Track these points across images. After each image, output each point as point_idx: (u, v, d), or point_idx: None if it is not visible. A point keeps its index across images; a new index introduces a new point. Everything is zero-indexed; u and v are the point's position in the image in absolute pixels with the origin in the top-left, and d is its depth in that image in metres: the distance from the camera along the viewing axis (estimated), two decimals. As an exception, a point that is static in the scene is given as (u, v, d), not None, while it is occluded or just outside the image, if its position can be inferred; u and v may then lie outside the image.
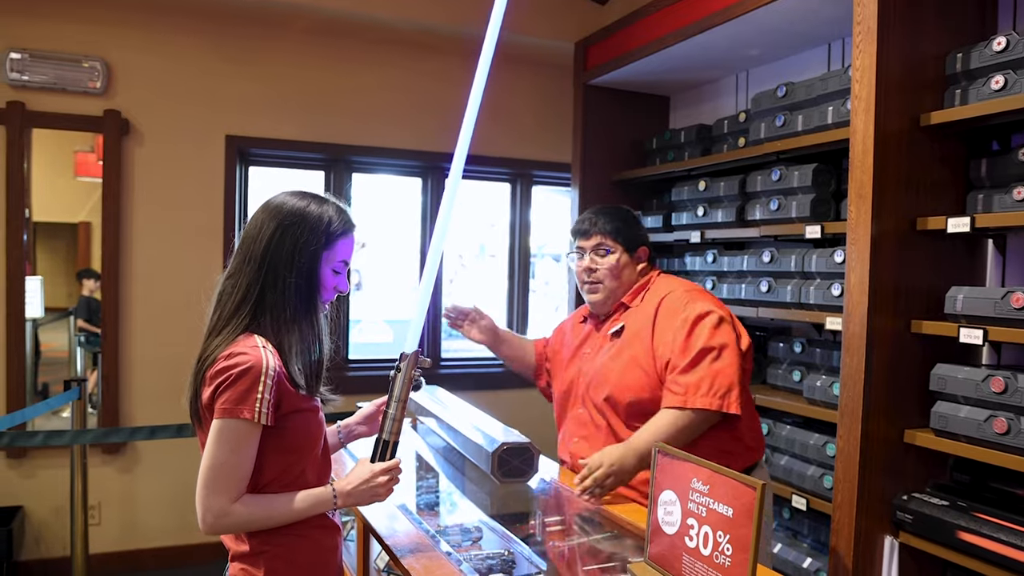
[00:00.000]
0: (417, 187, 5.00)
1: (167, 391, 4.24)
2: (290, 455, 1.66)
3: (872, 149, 2.50)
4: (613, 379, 2.35)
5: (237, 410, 1.55)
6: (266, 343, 1.64)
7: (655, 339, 2.32)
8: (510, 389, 5.10)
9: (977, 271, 2.71)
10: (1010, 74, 2.36)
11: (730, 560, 1.36)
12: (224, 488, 1.58)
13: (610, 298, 2.48)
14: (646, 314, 2.38)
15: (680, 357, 2.24)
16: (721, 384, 2.20)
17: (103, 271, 4.18)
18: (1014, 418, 2.22)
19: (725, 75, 4.14)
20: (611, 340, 2.44)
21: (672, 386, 2.24)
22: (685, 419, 2.18)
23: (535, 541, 1.95)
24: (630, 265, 2.48)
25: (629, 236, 2.48)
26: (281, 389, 1.62)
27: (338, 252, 1.75)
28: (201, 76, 4.34)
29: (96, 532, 4.15)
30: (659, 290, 2.44)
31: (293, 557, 1.67)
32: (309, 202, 1.74)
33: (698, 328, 2.26)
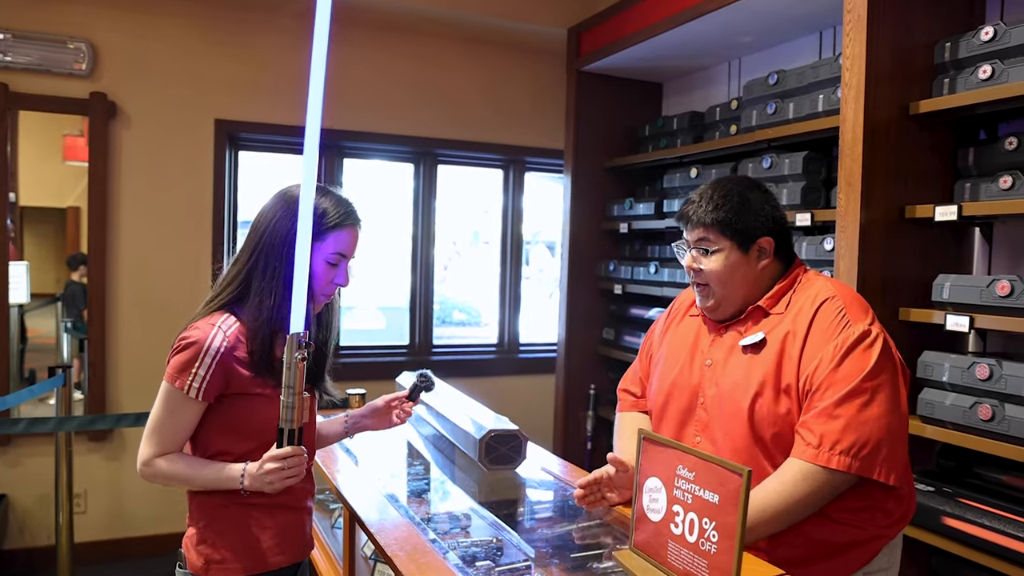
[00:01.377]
0: (409, 172, 4.98)
1: (155, 377, 4.17)
2: (234, 436, 1.71)
3: (861, 137, 2.51)
4: (752, 406, 1.79)
5: (172, 377, 1.67)
6: (231, 324, 1.69)
7: (803, 359, 1.76)
8: (500, 376, 5.12)
9: (964, 259, 2.73)
10: (997, 64, 2.36)
11: (716, 547, 1.37)
12: (153, 441, 1.71)
13: (723, 305, 1.90)
14: (796, 327, 1.80)
15: (822, 393, 1.70)
16: (867, 439, 1.66)
17: (90, 256, 4.14)
18: (999, 405, 2.24)
19: (717, 62, 4.14)
20: (744, 353, 1.86)
21: (805, 431, 1.70)
22: (815, 480, 1.66)
23: (523, 528, 1.94)
24: (745, 263, 1.87)
25: (742, 227, 1.85)
26: (229, 370, 1.68)
27: (331, 244, 1.75)
28: (190, 59, 4.29)
29: (82, 520, 4.13)
30: (811, 294, 1.84)
31: (220, 527, 1.75)
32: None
33: (852, 357, 1.71)
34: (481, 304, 5.51)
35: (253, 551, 1.76)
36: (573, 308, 4.51)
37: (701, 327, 2.00)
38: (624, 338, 4.32)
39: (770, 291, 1.88)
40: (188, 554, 1.78)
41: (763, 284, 1.90)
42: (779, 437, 1.76)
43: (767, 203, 1.90)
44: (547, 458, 2.45)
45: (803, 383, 1.74)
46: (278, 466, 1.62)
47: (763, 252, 1.88)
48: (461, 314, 5.64)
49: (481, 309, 5.52)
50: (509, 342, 5.26)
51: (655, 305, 4.19)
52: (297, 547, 1.86)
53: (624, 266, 4.28)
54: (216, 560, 1.74)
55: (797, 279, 1.90)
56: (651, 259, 4.20)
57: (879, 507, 1.75)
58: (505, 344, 5.26)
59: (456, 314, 5.63)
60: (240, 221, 4.65)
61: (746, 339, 1.85)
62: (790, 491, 1.66)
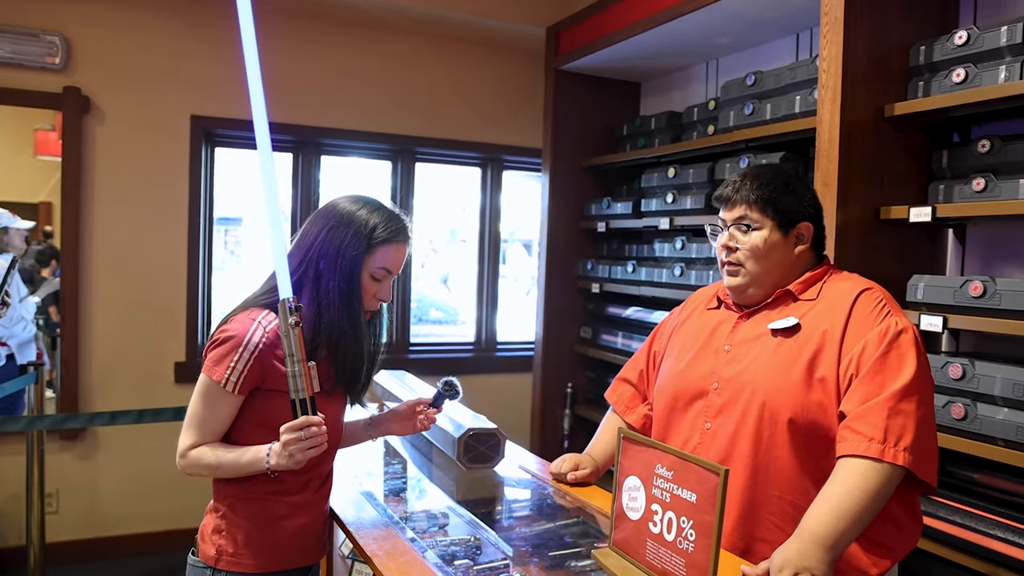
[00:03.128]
0: (387, 170, 4.97)
1: (130, 376, 4.23)
2: (266, 431, 1.70)
3: (838, 139, 2.53)
4: (775, 386, 1.75)
5: (211, 370, 1.68)
6: (271, 320, 1.70)
7: (844, 343, 1.71)
8: (478, 375, 5.12)
9: (938, 260, 2.76)
10: (970, 67, 2.40)
11: (693, 545, 1.38)
12: (191, 433, 1.72)
13: (753, 284, 1.87)
14: (835, 311, 1.76)
15: (871, 379, 1.64)
16: (924, 438, 1.62)
17: (63, 252, 4.09)
18: (971, 404, 2.27)
19: (696, 63, 4.16)
20: (772, 336, 1.81)
21: (862, 423, 1.61)
22: (882, 477, 1.57)
23: (502, 527, 1.94)
24: (783, 245, 1.85)
25: (784, 208, 1.84)
26: (266, 365, 1.68)
27: (378, 259, 1.78)
28: (165, 54, 4.24)
29: (54, 520, 4.09)
30: (847, 285, 1.82)
31: (239, 520, 1.76)
32: (361, 207, 1.80)
33: (899, 349, 1.66)
34: (459, 302, 5.50)
35: (269, 548, 1.77)
36: (551, 306, 4.52)
37: (720, 318, 1.97)
38: (601, 337, 4.33)
39: (800, 279, 1.87)
40: (203, 542, 1.79)
41: (795, 272, 1.88)
42: (795, 424, 1.71)
43: (808, 190, 1.90)
44: (525, 456, 2.45)
45: (845, 366, 1.68)
46: (295, 435, 1.60)
47: (801, 238, 1.87)
48: (438, 312, 5.63)
49: (458, 307, 5.51)
50: (486, 340, 5.26)
51: (632, 304, 4.21)
52: (313, 549, 1.87)
53: (602, 265, 4.29)
54: (229, 552, 1.75)
55: (828, 272, 1.89)
56: (628, 258, 4.22)
57: (891, 519, 1.73)
58: (483, 343, 5.26)
59: (433, 312, 5.62)
60: (216, 218, 4.62)
61: (777, 323, 1.82)
62: (864, 487, 1.56)
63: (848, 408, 1.65)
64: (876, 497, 1.57)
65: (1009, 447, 2.18)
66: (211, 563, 1.76)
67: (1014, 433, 2.16)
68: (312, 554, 1.87)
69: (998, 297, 2.24)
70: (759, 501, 1.76)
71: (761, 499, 1.76)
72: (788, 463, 1.73)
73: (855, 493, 1.56)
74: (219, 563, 1.75)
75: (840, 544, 1.54)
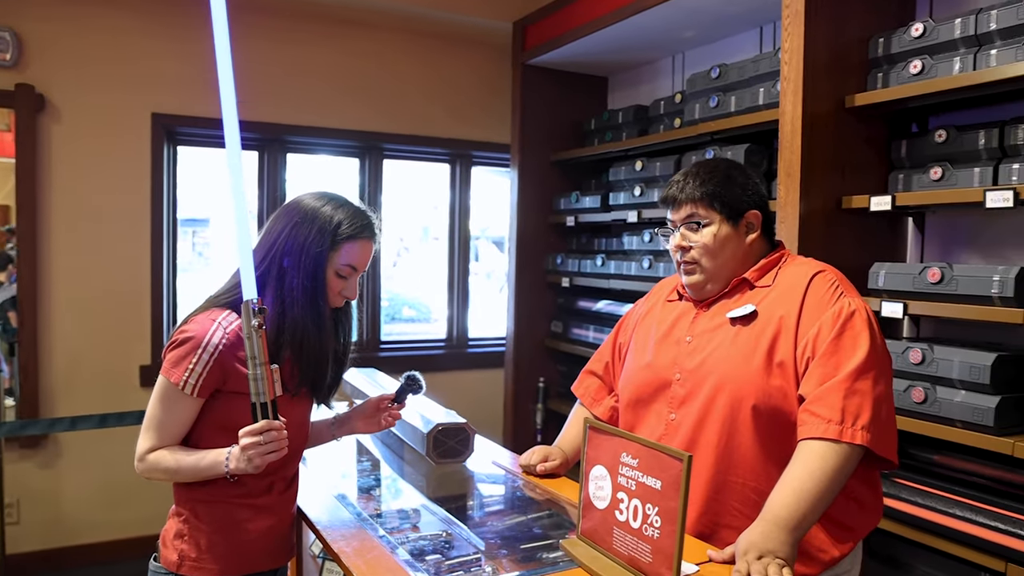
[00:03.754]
0: (354, 167, 4.95)
1: (93, 381, 4.12)
2: (226, 433, 1.66)
3: (800, 130, 2.57)
4: (737, 374, 1.76)
5: (170, 372, 1.65)
6: (232, 321, 1.67)
7: (800, 326, 1.74)
8: (449, 371, 5.11)
9: (899, 248, 2.81)
10: (927, 59, 2.44)
11: (659, 532, 1.39)
12: (149, 436, 1.69)
13: (710, 280, 1.89)
14: (790, 296, 1.79)
15: (827, 360, 1.67)
16: (881, 416, 1.64)
17: (19, 256, 3.98)
18: (931, 388, 2.32)
19: (662, 56, 4.18)
20: (732, 325, 1.84)
21: (821, 406, 1.63)
22: (840, 458, 1.59)
23: (474, 522, 1.95)
24: (734, 237, 1.87)
25: (730, 200, 1.86)
26: (227, 367, 1.66)
27: (343, 256, 1.76)
28: (123, 50, 4.13)
29: (15, 531, 3.96)
30: (801, 269, 1.84)
31: (201, 524, 1.74)
32: (325, 203, 1.77)
33: (853, 329, 1.69)
34: (431, 300, 5.49)
35: (232, 553, 1.75)
36: (521, 302, 4.53)
37: (681, 310, 1.98)
38: (572, 331, 4.36)
39: (755, 266, 1.89)
40: (163, 548, 1.76)
41: (750, 260, 1.90)
42: (757, 411, 1.73)
43: (750, 178, 1.92)
44: (497, 451, 2.46)
45: (801, 349, 1.71)
46: (254, 440, 1.57)
47: (751, 226, 1.89)
48: (411, 310, 5.62)
49: (431, 305, 5.51)
50: (458, 337, 5.27)
51: (602, 298, 4.23)
52: (279, 552, 1.85)
53: (571, 259, 4.31)
54: (191, 557, 1.72)
55: (783, 257, 1.91)
56: (598, 252, 4.24)
57: (854, 497, 1.75)
58: (454, 339, 5.26)
59: (406, 310, 5.61)
60: (183, 219, 4.56)
61: (735, 311, 1.84)
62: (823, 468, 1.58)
63: (806, 391, 1.68)
64: (836, 477, 1.59)
65: (966, 428, 2.23)
66: (173, 568, 1.73)
67: (971, 415, 2.21)
68: (278, 557, 1.85)
69: (955, 283, 2.28)
70: (724, 488, 1.78)
71: (725, 486, 1.78)
72: (751, 450, 1.75)
73: (816, 474, 1.58)
74: (181, 568, 1.72)
75: (803, 525, 1.56)
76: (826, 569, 1.74)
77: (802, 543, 1.62)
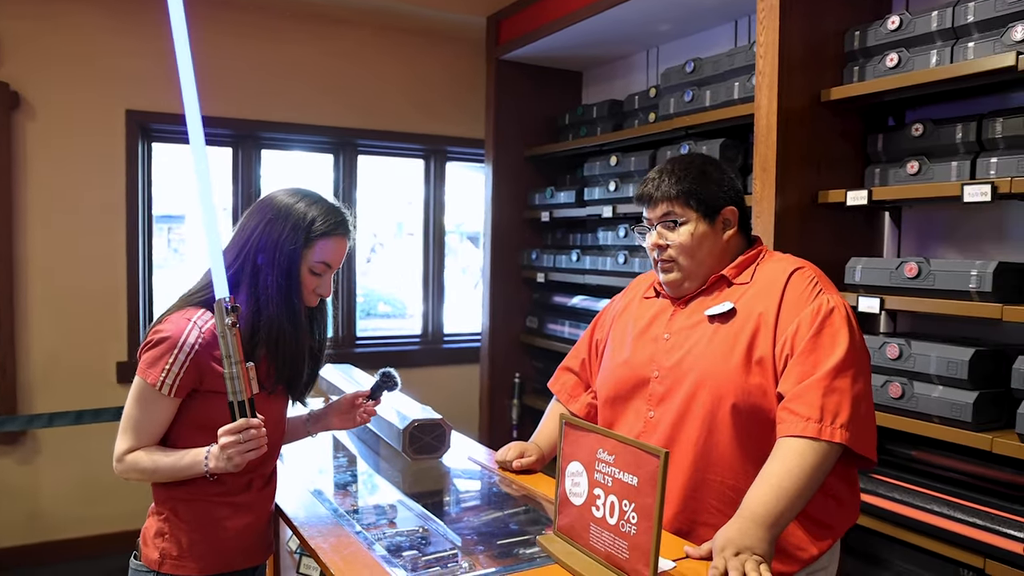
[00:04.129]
0: (329, 163, 4.91)
1: (70, 377, 4.13)
2: (204, 433, 1.66)
3: (775, 124, 2.56)
4: (716, 372, 1.75)
5: (146, 372, 1.64)
6: (207, 320, 1.66)
7: (779, 324, 1.72)
8: (425, 367, 5.10)
9: (875, 243, 2.81)
10: (903, 52, 2.44)
11: (636, 528, 1.38)
12: (127, 437, 1.68)
13: (688, 278, 1.87)
14: (769, 293, 1.77)
15: (806, 358, 1.66)
16: (860, 414, 1.63)
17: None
18: (908, 383, 2.32)
19: (636, 51, 4.18)
20: (710, 323, 1.82)
21: (799, 404, 1.62)
22: (819, 455, 1.58)
23: (450, 518, 1.94)
24: (711, 234, 1.85)
25: (706, 197, 1.84)
26: (203, 367, 1.65)
27: (317, 253, 1.74)
28: (97, 46, 4.12)
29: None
30: (780, 265, 1.83)
31: (182, 522, 1.73)
32: (299, 199, 1.76)
33: (831, 327, 1.68)
34: (407, 295, 5.46)
35: (213, 551, 1.74)
36: (496, 297, 4.51)
37: (658, 307, 1.96)
38: (548, 326, 4.34)
39: (734, 263, 1.87)
40: (145, 546, 1.75)
41: (728, 257, 1.88)
42: (737, 409, 1.72)
43: (725, 174, 1.90)
44: (473, 447, 2.44)
45: (780, 347, 1.70)
46: (233, 439, 1.57)
47: (728, 223, 1.87)
48: (386, 306, 5.59)
49: (407, 301, 5.48)
50: (433, 332, 5.24)
51: (578, 293, 4.22)
52: (258, 549, 1.85)
53: (546, 254, 4.30)
54: (172, 556, 1.72)
55: (761, 254, 1.89)
56: (573, 247, 4.23)
57: (832, 494, 1.74)
58: (429, 335, 5.23)
59: (381, 306, 5.57)
60: (156, 216, 4.52)
61: (712, 309, 1.82)
62: (802, 466, 1.57)
63: (785, 389, 1.67)
64: (814, 475, 1.58)
65: (944, 424, 2.24)
66: (154, 567, 1.72)
67: (948, 410, 2.21)
68: (257, 555, 1.85)
69: (932, 278, 2.29)
70: (701, 486, 1.77)
71: (703, 484, 1.77)
72: (730, 448, 1.74)
73: (794, 472, 1.57)
74: (162, 567, 1.72)
75: (780, 522, 1.55)
76: (804, 567, 1.73)
77: (780, 541, 1.62)
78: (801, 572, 1.73)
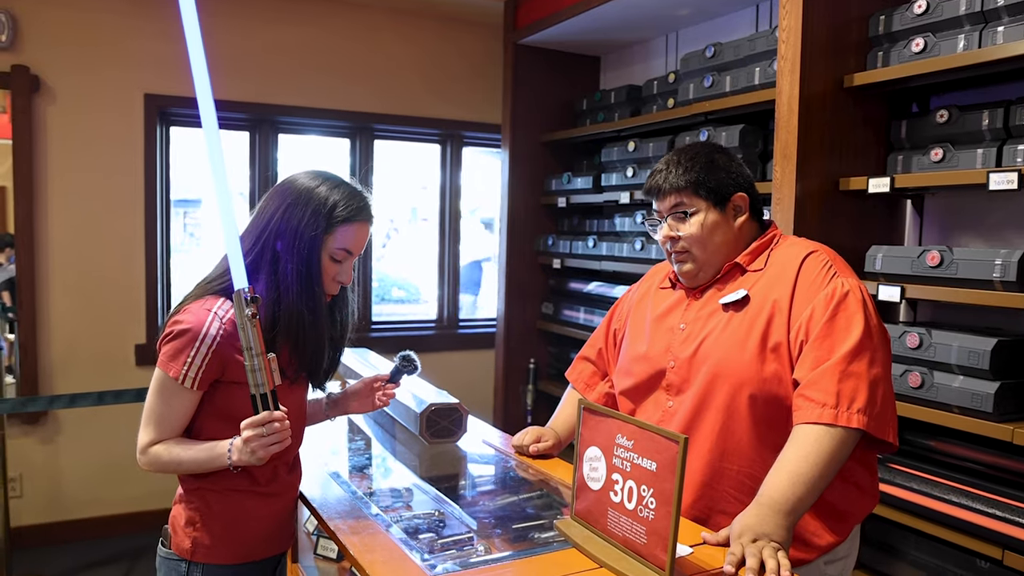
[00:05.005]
0: (345, 148, 4.90)
1: (90, 359, 4.19)
2: (227, 423, 1.64)
3: (797, 110, 2.53)
4: (731, 361, 1.73)
5: (167, 365, 1.61)
6: (228, 310, 1.62)
7: (793, 309, 1.71)
8: (440, 352, 5.11)
9: (897, 230, 2.78)
10: (929, 37, 2.40)
11: (654, 513, 1.37)
12: (149, 430, 1.65)
13: (703, 268, 1.85)
14: (782, 278, 1.75)
15: (821, 343, 1.63)
16: (878, 398, 1.61)
17: (16, 237, 4.00)
18: (928, 373, 2.30)
19: (655, 35, 4.14)
20: (724, 311, 1.81)
21: (815, 390, 1.61)
22: (836, 441, 1.57)
23: (466, 501, 1.94)
24: (723, 223, 1.83)
25: (715, 185, 1.82)
26: (225, 358, 1.62)
27: (339, 239, 1.70)
28: (117, 31, 4.14)
29: (18, 505, 4.04)
30: (794, 251, 1.80)
31: (213, 512, 1.71)
32: (320, 183, 1.71)
33: (847, 310, 1.65)
34: (420, 281, 5.46)
35: (244, 540, 1.74)
36: (512, 283, 4.50)
37: (674, 297, 1.95)
38: (563, 312, 4.33)
39: (747, 250, 1.85)
40: (175, 535, 1.74)
41: (741, 244, 1.86)
42: (754, 399, 1.71)
43: (733, 160, 1.88)
44: (488, 431, 2.44)
45: (795, 333, 1.68)
46: (256, 432, 1.54)
47: (739, 210, 1.85)
48: (400, 291, 5.59)
49: (420, 286, 5.48)
50: (448, 318, 5.24)
51: (593, 279, 4.21)
52: (285, 537, 1.85)
53: (562, 240, 4.29)
54: (205, 544, 1.71)
55: (775, 239, 1.87)
56: (589, 233, 4.21)
57: (852, 480, 1.73)
58: (444, 320, 5.24)
59: (395, 291, 5.58)
60: (175, 200, 4.54)
61: (727, 297, 1.80)
62: (819, 452, 1.55)
63: (800, 375, 1.65)
64: (832, 461, 1.56)
65: (964, 414, 2.21)
66: (186, 556, 1.71)
67: (969, 401, 2.19)
68: (283, 542, 1.85)
69: (955, 266, 2.26)
70: (719, 475, 1.77)
71: (721, 473, 1.76)
72: (747, 436, 1.73)
73: (811, 458, 1.55)
74: (195, 555, 1.71)
75: (798, 509, 1.54)
76: (822, 554, 1.72)
77: (797, 529, 1.61)
78: (820, 559, 1.72)
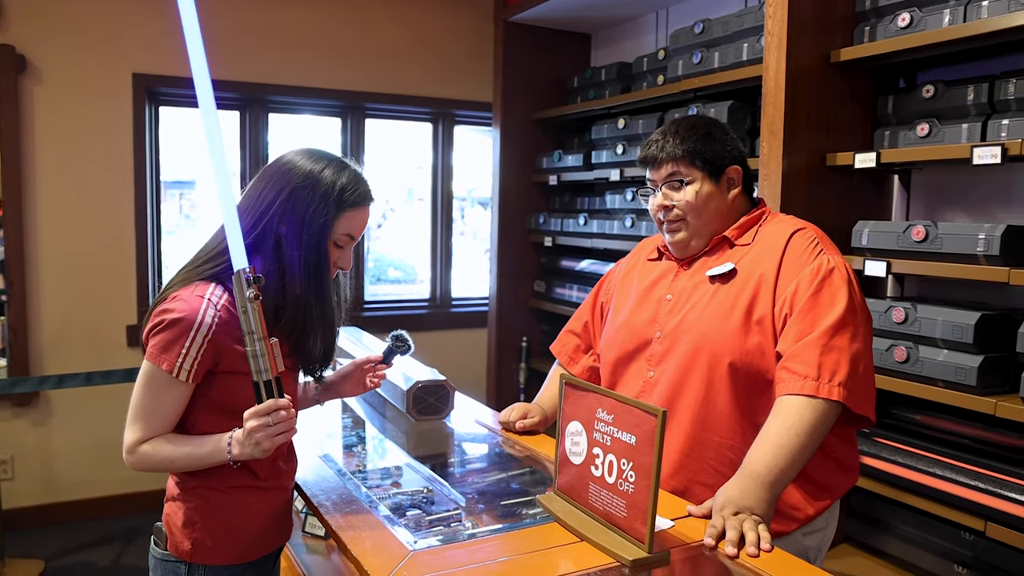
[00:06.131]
0: (336, 127, 4.89)
1: (81, 341, 4.18)
2: (222, 416, 1.57)
3: (784, 86, 2.53)
4: (714, 332, 1.75)
5: (159, 358, 1.50)
6: (221, 295, 1.54)
7: (779, 283, 1.73)
8: (433, 331, 5.11)
9: (884, 206, 2.79)
10: (915, 11, 2.40)
11: (634, 487, 1.39)
12: (138, 427, 1.55)
13: (695, 237, 1.87)
14: (769, 253, 1.77)
15: (804, 317, 1.66)
16: (858, 372, 1.63)
17: (5, 218, 3.98)
18: (913, 347, 2.31)
19: (645, 12, 4.13)
20: (711, 283, 1.83)
21: (797, 362, 1.63)
22: (817, 413, 1.58)
23: (455, 478, 1.95)
24: (717, 194, 1.85)
25: (711, 156, 1.84)
26: (221, 347, 1.52)
27: (344, 224, 1.61)
28: (104, 10, 4.09)
29: (10, 487, 4.04)
30: (781, 227, 1.83)
31: (213, 511, 1.63)
32: (324, 165, 1.60)
33: (831, 286, 1.68)
34: (417, 261, 5.46)
35: (246, 537, 1.67)
36: (504, 261, 4.51)
37: (662, 269, 1.97)
38: (555, 290, 4.34)
39: (736, 224, 1.87)
40: (172, 535, 1.64)
41: (732, 217, 1.88)
42: (734, 368, 1.72)
43: (728, 134, 1.90)
44: (480, 410, 2.45)
45: (780, 306, 1.70)
46: (261, 422, 1.44)
47: (732, 182, 1.87)
48: (397, 271, 5.59)
49: (416, 266, 5.48)
50: (441, 297, 5.25)
51: (585, 257, 4.21)
52: (284, 530, 1.78)
53: (554, 218, 4.29)
54: (207, 545, 1.62)
55: (764, 215, 1.90)
56: (580, 211, 4.21)
57: (833, 456, 1.75)
58: (437, 299, 5.25)
59: (391, 271, 5.58)
60: (167, 181, 4.52)
61: (714, 269, 1.83)
62: (801, 424, 1.57)
63: (783, 348, 1.67)
64: (813, 433, 1.58)
65: (948, 388, 2.23)
66: (185, 557, 1.62)
67: (953, 374, 2.21)
68: (284, 533, 1.79)
69: (940, 241, 2.27)
70: (700, 446, 1.78)
71: (702, 444, 1.78)
72: (728, 408, 1.75)
73: (793, 430, 1.57)
74: (195, 557, 1.62)
75: (781, 481, 1.56)
76: (801, 526, 1.74)
77: (778, 501, 1.62)
78: (798, 531, 1.74)
